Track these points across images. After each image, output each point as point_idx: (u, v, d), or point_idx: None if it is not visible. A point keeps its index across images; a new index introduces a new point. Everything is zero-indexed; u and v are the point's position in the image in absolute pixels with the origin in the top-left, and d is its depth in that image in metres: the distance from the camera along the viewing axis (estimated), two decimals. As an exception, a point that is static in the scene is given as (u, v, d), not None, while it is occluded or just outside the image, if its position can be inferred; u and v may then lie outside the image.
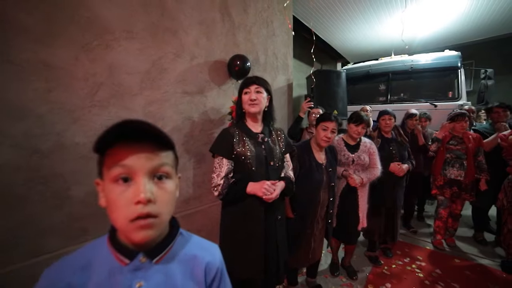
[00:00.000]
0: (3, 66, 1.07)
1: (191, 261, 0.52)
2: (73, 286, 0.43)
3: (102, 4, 1.35)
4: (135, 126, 0.42)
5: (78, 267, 0.45)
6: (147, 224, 0.42)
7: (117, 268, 0.46)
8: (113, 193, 0.43)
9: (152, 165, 0.44)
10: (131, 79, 1.49)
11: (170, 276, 0.48)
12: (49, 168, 1.22)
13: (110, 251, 0.47)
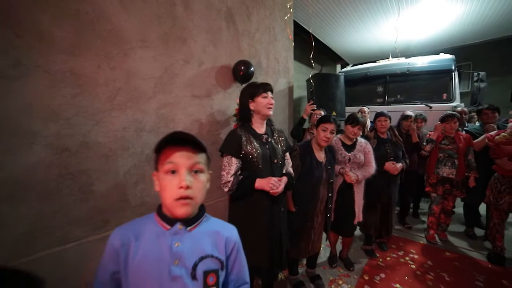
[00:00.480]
0: (41, 76, 1.21)
1: (214, 234, 0.69)
2: (132, 242, 0.61)
3: (121, 17, 1.49)
4: (181, 135, 0.62)
5: (135, 230, 0.64)
6: (186, 203, 0.61)
7: (162, 232, 0.64)
8: (165, 180, 0.61)
9: (190, 163, 0.63)
10: (145, 84, 1.63)
11: (199, 242, 0.65)
12: (75, 165, 1.36)
13: (157, 221, 0.65)
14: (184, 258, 0.62)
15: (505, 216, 2.15)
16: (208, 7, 2.01)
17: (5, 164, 1.14)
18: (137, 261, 0.60)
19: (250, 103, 1.40)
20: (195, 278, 0.61)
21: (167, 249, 0.61)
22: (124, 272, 0.61)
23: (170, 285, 0.60)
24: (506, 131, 2.03)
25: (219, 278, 0.65)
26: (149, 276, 0.59)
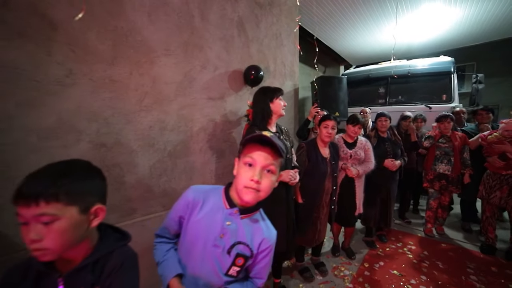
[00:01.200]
0: (87, 83, 1.42)
1: (257, 230, 0.82)
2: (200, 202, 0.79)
3: (149, 29, 1.70)
4: (265, 139, 0.73)
5: (205, 195, 0.81)
6: (252, 192, 0.73)
7: (222, 207, 0.79)
8: (242, 169, 0.76)
9: (266, 163, 0.73)
10: (168, 88, 1.83)
11: (243, 230, 0.79)
12: (110, 159, 1.56)
13: (222, 197, 0.81)
14: (228, 236, 0.77)
15: (496, 210, 2.31)
16: (222, 17, 2.20)
17: (62, 157, 1.33)
18: (198, 218, 0.77)
19: (270, 104, 1.59)
20: (229, 254, 0.77)
21: (220, 223, 0.77)
22: (187, 220, 0.79)
23: (211, 249, 0.76)
24: (498, 131, 2.19)
25: (245, 263, 0.79)
26: (200, 234, 0.77)
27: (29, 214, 0.50)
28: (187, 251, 0.78)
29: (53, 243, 0.52)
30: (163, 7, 1.78)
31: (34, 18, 1.25)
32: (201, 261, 0.76)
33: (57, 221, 0.52)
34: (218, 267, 0.75)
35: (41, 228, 0.51)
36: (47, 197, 0.51)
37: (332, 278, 2.03)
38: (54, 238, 0.52)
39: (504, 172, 2.14)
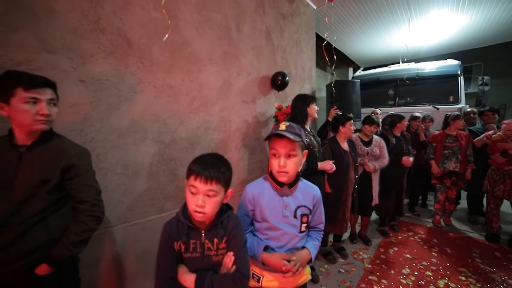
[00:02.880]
0: (151, 89, 1.69)
1: (306, 192, 1.08)
2: (260, 193, 1.03)
3: (197, 42, 1.96)
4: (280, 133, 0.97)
5: (259, 188, 1.05)
6: (283, 175, 0.99)
7: (274, 190, 1.04)
8: (272, 160, 1.01)
9: (286, 151, 0.98)
10: (212, 93, 2.10)
11: (297, 197, 1.06)
12: (168, 154, 1.84)
13: (271, 183, 1.05)
14: (290, 205, 1.02)
15: (500, 202, 2.54)
16: (253, 28, 2.47)
17: (132, 152, 1.62)
18: (264, 204, 1.02)
19: (307, 108, 1.86)
20: (296, 217, 1.02)
21: (280, 200, 1.02)
22: (257, 209, 1.03)
23: (283, 219, 1.01)
24: (501, 131, 2.42)
25: (309, 219, 1.06)
26: (271, 213, 1.01)
27: (202, 188, 0.77)
28: (267, 230, 1.01)
29: (210, 210, 0.78)
30: (208, 22, 2.05)
31: (118, 38, 1.53)
32: (281, 233, 1.01)
33: (216, 196, 0.79)
34: (293, 230, 1.01)
35: (206, 198, 0.77)
36: (217, 180, 0.78)
37: (352, 260, 2.29)
38: (212, 206, 0.78)
39: (506, 167, 2.37)
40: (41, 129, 0.93)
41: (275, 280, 0.98)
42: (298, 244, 1.02)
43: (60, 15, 1.33)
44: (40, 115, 0.89)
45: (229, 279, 0.78)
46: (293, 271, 0.91)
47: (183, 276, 0.78)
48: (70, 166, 0.95)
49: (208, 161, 0.80)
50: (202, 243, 0.81)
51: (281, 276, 0.96)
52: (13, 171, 0.87)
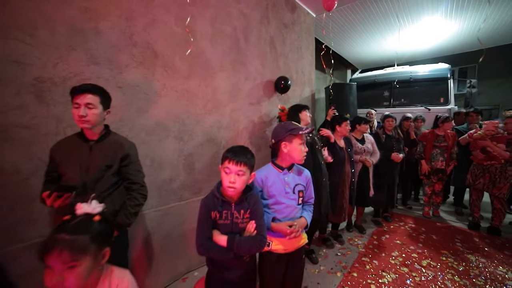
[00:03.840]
0: (173, 93, 1.95)
1: (300, 173, 1.35)
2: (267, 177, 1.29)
3: (211, 51, 2.23)
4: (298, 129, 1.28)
5: (265, 173, 1.30)
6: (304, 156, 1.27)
7: (277, 173, 1.30)
8: (298, 147, 1.27)
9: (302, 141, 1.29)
10: (223, 96, 2.36)
11: (294, 177, 1.32)
12: (186, 150, 2.10)
13: (274, 168, 1.31)
14: (290, 184, 1.29)
15: (481, 194, 2.82)
16: (258, 38, 2.73)
17: (157, 148, 1.89)
18: (270, 185, 1.27)
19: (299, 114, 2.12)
20: (294, 193, 1.29)
21: (282, 180, 1.28)
22: (264, 189, 1.28)
23: (285, 195, 1.27)
24: (481, 130, 2.70)
25: (304, 193, 1.33)
26: (276, 191, 1.26)
27: (234, 169, 1.02)
28: (273, 205, 1.27)
29: (239, 185, 1.03)
30: (220, 34, 2.32)
31: (147, 51, 1.80)
32: (284, 206, 1.27)
33: (244, 175, 1.04)
34: (293, 203, 1.28)
35: (236, 177, 1.02)
36: (244, 163, 1.03)
37: (348, 246, 2.56)
38: (240, 183, 1.03)
39: (485, 162, 2.65)
40: (83, 127, 1.19)
41: (280, 244, 1.25)
42: (297, 215, 1.29)
43: (103, 34, 1.60)
44: (78, 116, 1.15)
45: (252, 239, 1.05)
46: (295, 232, 1.18)
47: (217, 236, 1.05)
48: (126, 155, 1.23)
49: (238, 150, 1.06)
50: (231, 213, 1.08)
51: (285, 241, 1.23)
52: (87, 159, 1.14)
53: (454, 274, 2.04)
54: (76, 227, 0.71)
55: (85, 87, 1.14)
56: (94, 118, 1.15)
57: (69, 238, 0.68)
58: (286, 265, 1.29)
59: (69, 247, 0.67)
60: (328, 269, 2.16)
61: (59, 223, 0.73)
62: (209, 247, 1.03)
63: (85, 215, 0.75)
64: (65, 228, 0.70)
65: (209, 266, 1.15)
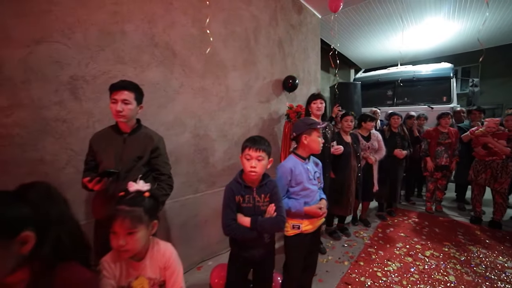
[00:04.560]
0: (189, 91, 2.08)
1: (315, 162, 1.50)
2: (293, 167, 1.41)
3: (224, 52, 2.35)
4: (317, 124, 1.40)
5: (291, 163, 1.43)
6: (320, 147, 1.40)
7: (300, 163, 1.43)
8: (315, 139, 1.40)
9: (320, 133, 1.42)
10: (235, 94, 2.48)
11: (313, 166, 1.47)
12: (201, 145, 2.23)
13: (297, 158, 1.44)
14: (312, 171, 1.43)
15: (483, 189, 2.92)
16: (268, 38, 2.85)
17: (175, 142, 2.01)
18: (298, 173, 1.38)
19: (308, 107, 2.23)
20: (315, 179, 1.43)
21: (305, 169, 1.41)
22: (292, 178, 1.39)
23: (309, 181, 1.40)
24: (483, 127, 2.79)
25: (321, 179, 1.48)
26: (303, 178, 1.38)
27: (254, 155, 1.14)
28: (301, 191, 1.40)
29: (259, 169, 1.14)
30: (232, 35, 2.44)
31: (166, 51, 1.92)
32: (309, 191, 1.40)
33: (263, 160, 1.16)
34: (315, 187, 1.44)
35: (257, 162, 1.14)
36: (263, 150, 1.14)
37: (354, 238, 2.67)
38: (260, 167, 1.15)
39: (487, 158, 2.75)
40: (119, 121, 1.31)
41: (309, 224, 1.41)
42: (317, 197, 1.45)
43: (128, 35, 1.73)
44: (116, 111, 1.27)
45: (273, 220, 1.16)
46: (325, 211, 1.40)
47: (241, 218, 1.16)
48: (156, 148, 1.35)
49: (256, 139, 1.18)
50: (253, 197, 1.19)
51: (314, 220, 1.42)
52: (121, 149, 1.27)
53: (456, 263, 2.14)
54: (132, 201, 0.84)
55: (123, 84, 1.26)
56: (129, 113, 1.27)
57: (129, 209, 0.81)
58: (309, 241, 1.46)
59: (129, 216, 0.80)
60: (336, 258, 2.27)
61: (118, 196, 0.86)
62: (235, 227, 1.15)
63: (137, 192, 0.87)
64: (124, 201, 0.83)
65: (232, 247, 1.27)
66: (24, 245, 0.58)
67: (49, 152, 1.46)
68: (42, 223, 0.60)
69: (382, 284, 1.89)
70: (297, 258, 1.45)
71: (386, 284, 1.90)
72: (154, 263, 0.90)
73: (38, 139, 1.42)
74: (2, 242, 0.54)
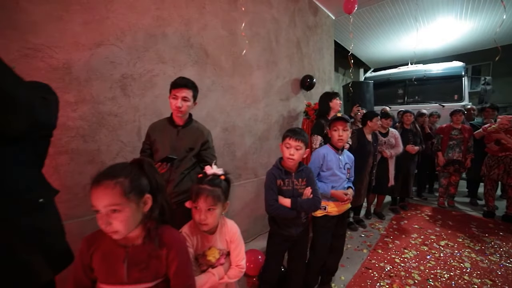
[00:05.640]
0: (219, 89, 2.24)
1: (348, 155, 1.64)
2: (326, 154, 1.56)
3: (250, 52, 2.50)
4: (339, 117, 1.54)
5: (324, 151, 1.58)
6: (341, 141, 1.55)
7: (334, 152, 1.58)
8: (333, 133, 1.55)
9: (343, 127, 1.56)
10: (259, 92, 2.64)
11: (345, 158, 1.60)
12: (230, 139, 2.39)
13: (332, 149, 1.59)
14: (343, 161, 1.57)
15: (495, 184, 3.01)
16: (287, 40, 3.00)
17: (209, 136, 2.18)
18: (329, 160, 1.53)
19: (330, 103, 2.37)
20: (344, 169, 1.57)
21: (337, 158, 1.55)
22: (324, 163, 1.54)
23: (339, 169, 1.54)
24: (495, 124, 2.89)
25: (350, 170, 1.62)
26: (333, 165, 1.53)
27: (293, 144, 1.28)
28: (330, 176, 1.54)
29: (297, 157, 1.29)
30: (256, 36, 2.60)
31: (200, 51, 2.09)
32: (338, 178, 1.55)
33: (301, 149, 1.30)
34: (344, 176, 1.57)
35: (295, 150, 1.28)
36: (301, 140, 1.29)
37: (370, 229, 2.79)
38: (298, 155, 1.29)
39: (500, 154, 2.84)
40: (178, 115, 1.47)
41: (335, 207, 1.55)
42: (345, 185, 1.59)
43: (168, 37, 1.90)
44: (176, 106, 1.44)
45: (310, 200, 1.31)
46: (350, 198, 1.51)
47: (282, 200, 1.32)
48: (206, 141, 1.51)
49: (296, 130, 1.33)
50: (292, 181, 1.35)
51: (339, 204, 1.55)
52: (175, 140, 1.44)
53: (471, 252, 2.26)
54: (213, 182, 0.99)
55: (184, 82, 1.42)
56: (187, 109, 1.44)
57: (210, 188, 0.96)
58: (335, 224, 1.61)
59: (211, 195, 0.95)
60: (355, 247, 2.41)
61: (199, 177, 1.03)
62: (277, 207, 1.30)
63: (213, 174, 1.03)
64: (206, 182, 0.98)
65: (272, 226, 1.43)
66: (145, 205, 0.74)
67: (104, 143, 1.63)
68: (154, 190, 0.77)
69: (401, 269, 2.02)
70: (323, 237, 1.60)
71: (405, 269, 2.03)
72: (222, 236, 1.06)
73: (96, 131, 1.60)
74: (137, 201, 0.71)
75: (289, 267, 1.56)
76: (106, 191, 0.65)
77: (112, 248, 0.73)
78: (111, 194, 0.65)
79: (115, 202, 0.66)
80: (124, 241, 0.73)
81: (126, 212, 0.67)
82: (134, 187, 0.70)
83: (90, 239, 0.75)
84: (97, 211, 0.66)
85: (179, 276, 0.77)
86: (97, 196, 0.65)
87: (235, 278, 1.07)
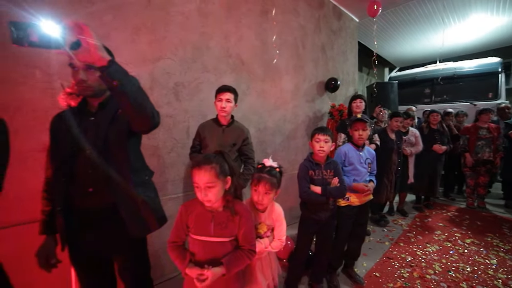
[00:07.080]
0: (253, 93, 2.52)
1: (369, 151, 1.82)
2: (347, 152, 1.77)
3: (278, 58, 2.75)
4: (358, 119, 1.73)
5: (345, 149, 1.79)
6: (362, 140, 1.74)
7: (354, 149, 1.77)
8: (354, 132, 1.75)
9: (362, 127, 1.75)
10: (287, 94, 2.88)
11: (365, 153, 1.79)
12: (262, 137, 2.65)
13: (353, 147, 1.79)
14: (364, 157, 1.76)
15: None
16: (313, 45, 3.20)
17: (244, 134, 2.47)
18: (350, 156, 1.73)
19: (350, 106, 2.54)
20: (366, 164, 1.76)
21: (358, 154, 1.75)
22: (346, 159, 1.74)
23: (360, 164, 1.73)
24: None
25: (371, 166, 1.80)
26: (354, 161, 1.73)
27: (322, 138, 1.52)
28: (352, 170, 1.75)
29: (327, 149, 1.51)
30: (285, 44, 2.84)
31: (237, 60, 2.38)
32: (358, 172, 1.74)
33: (328, 142, 1.53)
34: (365, 170, 1.76)
35: (324, 144, 1.51)
36: (328, 135, 1.52)
37: (392, 225, 2.90)
38: (327, 148, 1.51)
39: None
40: (223, 115, 1.77)
41: (357, 198, 1.75)
42: (367, 178, 1.78)
43: (211, 49, 2.21)
44: (221, 107, 1.72)
45: (338, 188, 1.53)
46: (370, 190, 1.69)
47: (314, 188, 1.55)
48: (246, 138, 1.80)
49: (324, 127, 1.56)
50: (321, 172, 1.57)
51: (360, 196, 1.74)
52: (221, 137, 1.74)
53: (499, 251, 2.28)
54: (270, 172, 1.26)
55: (227, 87, 1.72)
56: (230, 110, 1.73)
57: (269, 177, 1.23)
58: (357, 213, 1.79)
59: (269, 182, 1.22)
60: (377, 239, 2.55)
61: (258, 167, 1.30)
62: (309, 193, 1.54)
63: (269, 166, 1.30)
64: (266, 171, 1.25)
65: (303, 211, 1.66)
66: (226, 184, 1.01)
67: (161, 140, 1.98)
68: (231, 173, 1.05)
69: (422, 261, 2.14)
70: (346, 223, 1.80)
71: (426, 260, 2.14)
72: (270, 215, 1.32)
73: (156, 130, 1.91)
74: (223, 180, 0.98)
75: (316, 248, 1.78)
76: (206, 173, 0.94)
77: (203, 212, 1.02)
78: (209, 175, 0.94)
79: (211, 180, 0.94)
80: (211, 207, 1.02)
81: (217, 187, 0.95)
82: (222, 171, 0.97)
83: (187, 205, 1.05)
84: (197, 186, 0.95)
85: (246, 237, 1.05)
86: (199, 176, 0.94)
87: (277, 249, 1.33)
